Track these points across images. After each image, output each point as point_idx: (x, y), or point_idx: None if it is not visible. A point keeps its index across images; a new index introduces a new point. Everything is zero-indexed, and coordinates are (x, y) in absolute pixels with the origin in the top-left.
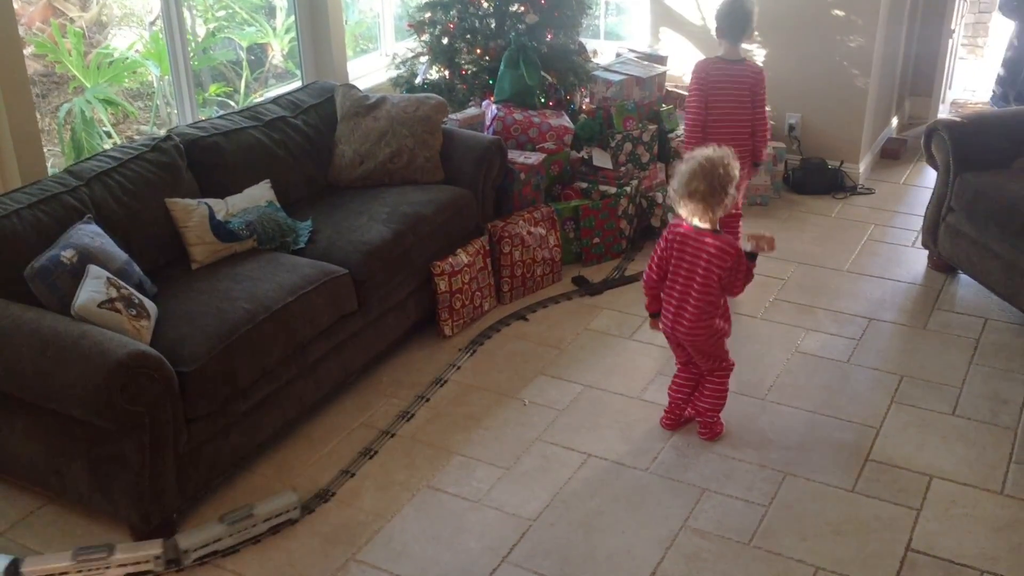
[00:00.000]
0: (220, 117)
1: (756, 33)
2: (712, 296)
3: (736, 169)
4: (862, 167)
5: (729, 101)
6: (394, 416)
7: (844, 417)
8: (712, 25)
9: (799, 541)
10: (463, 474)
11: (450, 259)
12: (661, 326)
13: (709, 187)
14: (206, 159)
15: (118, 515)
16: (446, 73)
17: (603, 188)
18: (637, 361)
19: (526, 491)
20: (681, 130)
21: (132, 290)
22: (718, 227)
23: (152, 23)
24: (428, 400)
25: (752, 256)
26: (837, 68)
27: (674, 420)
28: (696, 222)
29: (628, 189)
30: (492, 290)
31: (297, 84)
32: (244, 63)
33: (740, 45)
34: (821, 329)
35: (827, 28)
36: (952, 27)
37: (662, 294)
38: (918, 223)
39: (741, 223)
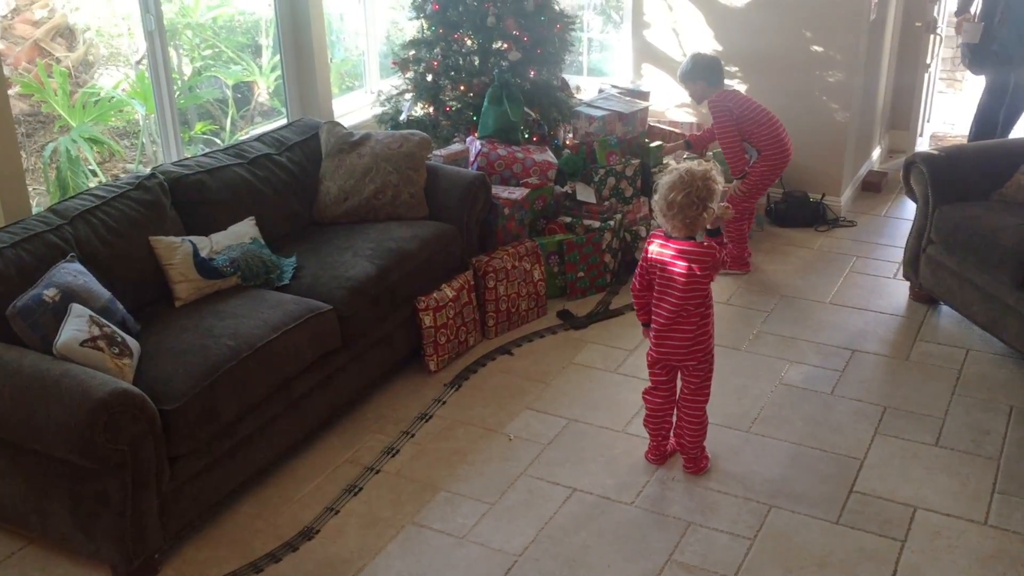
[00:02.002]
0: (205, 155)
1: (737, 69)
2: (703, 296)
3: (719, 184)
4: (843, 200)
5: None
6: (379, 452)
7: (828, 449)
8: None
9: (784, 574)
10: (448, 510)
11: (435, 294)
12: (650, 342)
13: (687, 200)
14: (190, 197)
15: (100, 555)
16: (430, 110)
17: (587, 222)
18: (622, 395)
19: (511, 526)
20: (666, 160)
21: (115, 328)
22: (696, 237)
23: (138, 62)
24: (413, 435)
25: (715, 232)
26: (817, 103)
27: (659, 454)
28: (675, 234)
29: (612, 223)
30: (477, 325)
31: (282, 121)
32: (230, 101)
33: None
34: (804, 361)
35: (807, 64)
36: (927, 61)
37: (652, 309)
38: (899, 255)
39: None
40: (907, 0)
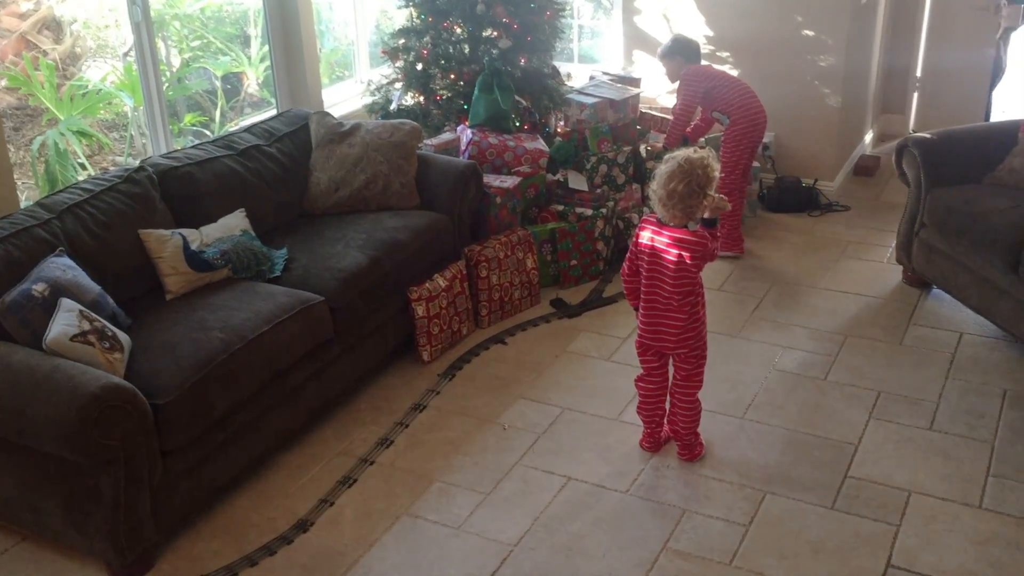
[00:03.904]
0: (194, 147)
1: (728, 54)
2: (692, 284)
3: (717, 171)
4: (836, 184)
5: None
6: (373, 443)
7: (822, 434)
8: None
9: (779, 560)
10: (443, 501)
11: (427, 284)
12: (637, 329)
13: (688, 189)
14: (180, 189)
15: (94, 551)
16: (421, 99)
17: (579, 210)
18: (616, 382)
19: (506, 516)
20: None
21: (105, 322)
22: (689, 225)
23: (126, 54)
24: (407, 426)
25: (711, 223)
26: (808, 87)
27: (653, 441)
28: (672, 222)
29: (604, 211)
30: (470, 314)
31: (272, 112)
32: (219, 92)
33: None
34: (798, 346)
35: (797, 48)
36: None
37: (641, 295)
38: (892, 239)
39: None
40: None
